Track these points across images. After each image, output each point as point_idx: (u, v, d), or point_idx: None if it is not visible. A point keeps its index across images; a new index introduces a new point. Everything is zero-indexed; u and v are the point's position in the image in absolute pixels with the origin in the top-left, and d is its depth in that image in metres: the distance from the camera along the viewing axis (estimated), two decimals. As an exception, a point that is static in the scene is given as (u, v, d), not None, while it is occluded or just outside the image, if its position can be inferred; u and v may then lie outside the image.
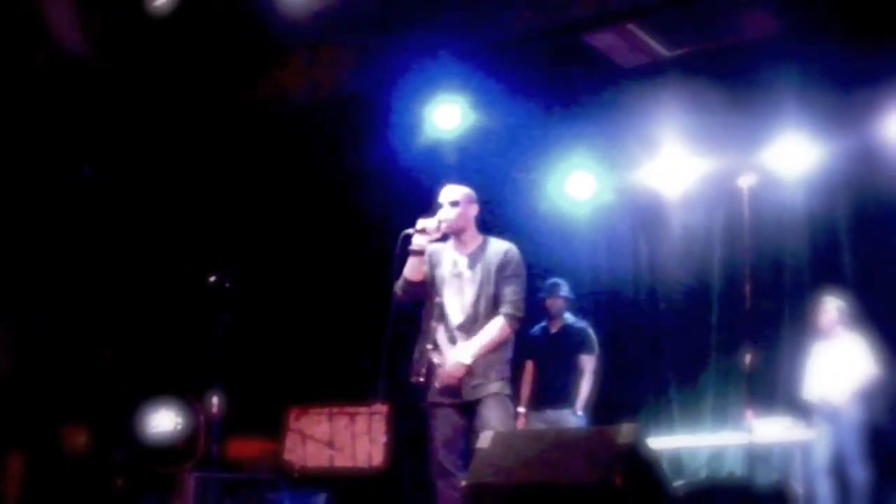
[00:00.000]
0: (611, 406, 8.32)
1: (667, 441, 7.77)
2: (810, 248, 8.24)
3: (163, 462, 7.60)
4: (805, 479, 7.30)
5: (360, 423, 7.76)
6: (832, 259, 8.11)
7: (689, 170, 8.41)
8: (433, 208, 5.30)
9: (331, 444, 7.80)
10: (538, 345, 8.02)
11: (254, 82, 8.21)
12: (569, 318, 8.14)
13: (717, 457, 7.93)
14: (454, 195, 5.30)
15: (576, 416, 7.81)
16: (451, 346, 5.16)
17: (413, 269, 5.21)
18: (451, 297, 5.21)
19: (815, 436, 7.36)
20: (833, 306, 7.55)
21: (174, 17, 7.09)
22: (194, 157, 8.46)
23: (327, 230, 8.92)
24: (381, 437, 7.64)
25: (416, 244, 5.18)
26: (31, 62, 7.46)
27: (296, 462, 7.85)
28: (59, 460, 7.66)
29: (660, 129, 8.20)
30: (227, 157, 8.51)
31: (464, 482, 4.45)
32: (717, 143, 8.09)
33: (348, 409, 7.83)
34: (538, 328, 8.11)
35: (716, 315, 8.51)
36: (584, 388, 7.88)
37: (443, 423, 5.14)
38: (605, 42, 7.63)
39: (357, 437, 7.75)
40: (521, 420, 7.73)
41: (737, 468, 7.63)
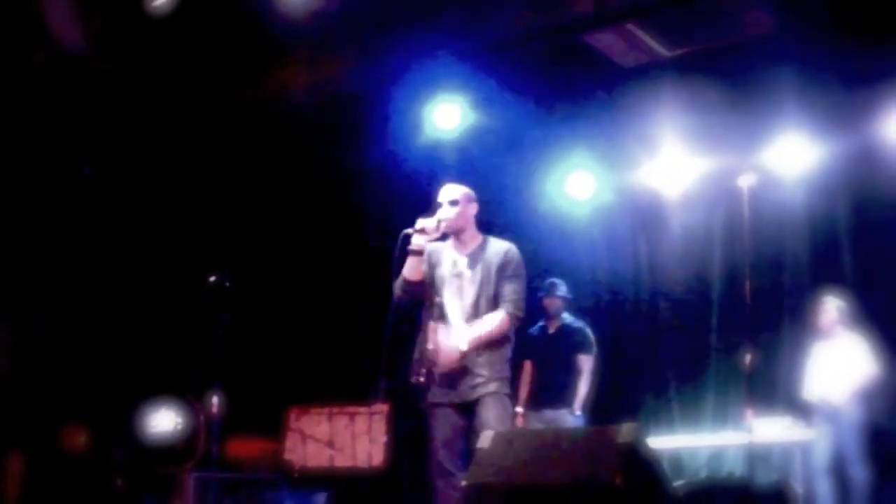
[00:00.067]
0: (611, 406, 8.33)
1: (667, 441, 7.77)
2: (810, 247, 8.24)
3: (163, 462, 7.60)
4: (805, 478, 7.30)
5: (360, 423, 7.75)
6: (832, 259, 8.11)
7: (689, 170, 8.41)
8: (433, 208, 5.29)
9: (331, 443, 7.79)
10: (536, 344, 8.03)
11: (254, 82, 8.22)
12: (567, 317, 8.15)
13: (717, 457, 7.93)
14: (453, 194, 5.29)
15: (574, 415, 7.81)
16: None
17: (412, 269, 5.19)
18: (451, 297, 5.20)
19: (815, 436, 7.36)
20: (833, 306, 7.55)
21: (174, 17, 7.09)
22: (194, 156, 8.46)
23: (327, 230, 8.92)
24: (381, 437, 7.63)
25: (416, 244, 5.16)
26: (31, 62, 7.46)
27: (296, 462, 7.85)
28: (58, 460, 7.66)
29: (659, 128, 8.21)
30: (226, 156, 8.51)
31: (464, 482, 4.45)
32: (717, 142, 8.09)
33: (348, 409, 7.82)
34: (536, 328, 8.11)
35: (716, 315, 8.52)
36: (582, 387, 7.89)
37: (442, 423, 5.14)
38: (605, 42, 7.63)
39: (357, 437, 7.74)
40: (520, 420, 7.74)
41: (737, 468, 7.63)
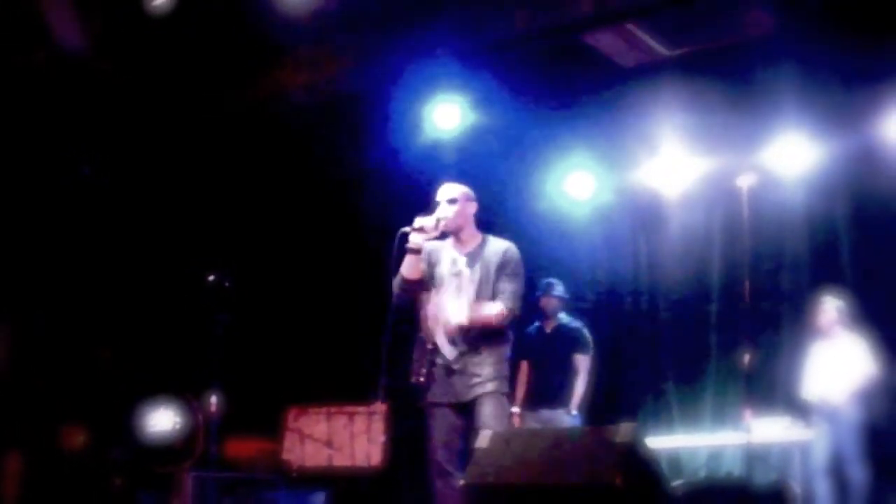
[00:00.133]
0: (610, 405, 8.33)
1: (666, 441, 7.77)
2: (809, 247, 8.23)
3: (161, 461, 7.60)
4: (804, 478, 7.30)
5: (359, 423, 7.75)
6: (831, 259, 8.11)
7: (689, 169, 8.41)
8: (432, 207, 5.29)
9: (329, 443, 7.79)
10: (533, 344, 8.02)
11: (253, 82, 8.22)
12: (563, 317, 8.15)
13: (715, 456, 7.94)
14: (452, 193, 5.29)
15: (570, 415, 7.81)
16: (450, 346, 5.15)
17: (410, 268, 5.17)
18: (450, 296, 5.20)
19: (813, 436, 7.36)
20: (832, 306, 7.54)
21: (174, 17, 7.09)
22: (194, 156, 8.46)
23: (326, 230, 8.91)
24: (380, 437, 7.63)
25: (414, 242, 5.15)
26: (31, 62, 7.46)
27: (294, 461, 7.85)
28: (57, 459, 7.66)
29: (659, 128, 8.20)
30: (226, 156, 8.51)
31: (462, 482, 4.45)
32: (717, 142, 8.09)
33: (347, 409, 7.82)
34: (533, 328, 8.11)
35: (715, 315, 8.51)
36: (579, 387, 7.88)
37: (441, 423, 5.14)
38: (605, 42, 7.62)
39: (356, 437, 7.74)
40: (516, 420, 7.73)
41: (735, 468, 7.63)
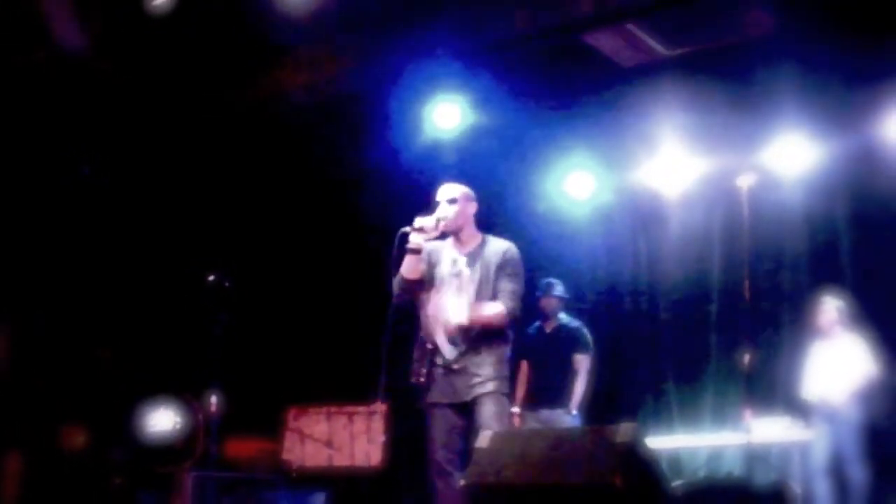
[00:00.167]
0: (610, 405, 8.33)
1: (666, 441, 7.77)
2: (809, 247, 8.24)
3: (161, 461, 7.59)
4: (804, 479, 7.30)
5: (359, 423, 7.75)
6: (831, 259, 8.12)
7: (689, 169, 8.42)
8: (432, 207, 5.29)
9: (329, 443, 7.78)
10: (533, 344, 8.03)
11: (253, 82, 8.21)
12: (563, 317, 8.15)
13: (715, 457, 7.93)
14: (452, 193, 5.29)
15: (570, 415, 7.82)
16: (450, 346, 5.15)
17: (410, 268, 5.18)
18: (451, 296, 5.20)
19: (813, 436, 7.36)
20: (832, 306, 7.55)
21: (173, 17, 7.08)
22: (193, 156, 8.46)
23: (326, 230, 8.91)
24: (380, 437, 7.62)
25: (413, 242, 5.15)
26: (31, 62, 7.45)
27: (294, 461, 7.84)
28: (57, 459, 7.65)
29: (659, 128, 8.20)
30: (226, 156, 8.51)
31: (462, 481, 4.45)
32: (717, 142, 8.09)
33: (347, 409, 7.81)
34: (533, 328, 8.11)
35: (715, 315, 8.52)
36: (579, 387, 7.89)
37: (441, 423, 5.14)
38: (605, 42, 7.62)
39: (355, 437, 7.74)
40: (516, 420, 7.73)
41: (735, 468, 7.62)
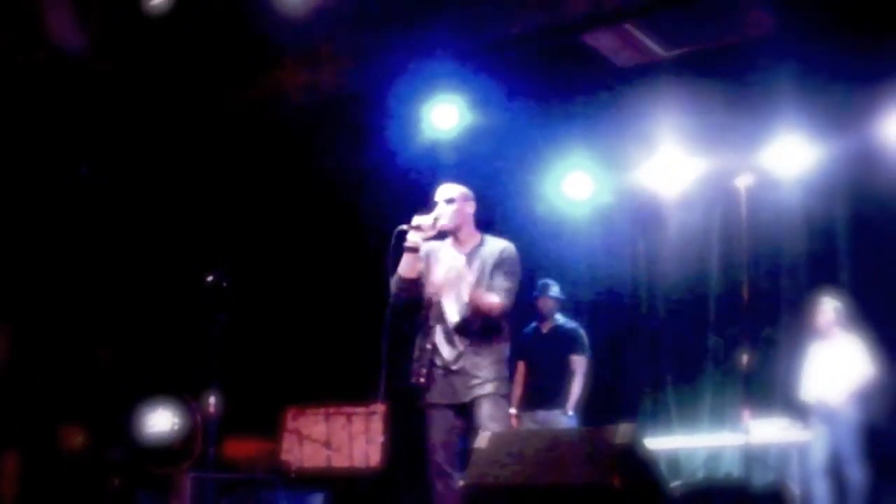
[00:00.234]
0: (608, 406, 8.32)
1: (664, 441, 7.77)
2: (808, 248, 8.24)
3: (160, 462, 7.58)
4: (802, 479, 7.30)
5: (358, 424, 7.74)
6: (830, 260, 8.11)
7: (687, 170, 8.41)
8: (431, 207, 5.29)
9: (328, 444, 7.78)
10: (529, 345, 8.02)
11: (252, 82, 8.21)
12: (560, 318, 8.15)
13: (714, 457, 7.93)
14: (450, 193, 5.29)
15: (567, 416, 7.81)
16: (448, 346, 5.15)
17: (407, 266, 5.17)
18: (449, 296, 5.20)
19: (812, 436, 7.37)
20: (830, 307, 7.55)
21: (172, 17, 7.08)
22: (193, 156, 8.45)
23: (325, 229, 8.91)
24: (379, 438, 7.62)
25: (411, 241, 5.15)
26: (31, 62, 7.45)
27: (293, 462, 7.84)
28: (55, 460, 7.65)
29: (657, 129, 8.19)
30: (225, 156, 8.51)
31: (461, 482, 4.45)
32: (715, 143, 8.09)
33: (345, 410, 7.81)
34: (530, 329, 8.11)
35: (713, 315, 8.51)
36: (575, 388, 7.89)
37: (440, 424, 5.13)
38: (603, 42, 7.62)
39: (354, 438, 7.74)
40: (513, 421, 7.72)
41: (734, 469, 7.62)
